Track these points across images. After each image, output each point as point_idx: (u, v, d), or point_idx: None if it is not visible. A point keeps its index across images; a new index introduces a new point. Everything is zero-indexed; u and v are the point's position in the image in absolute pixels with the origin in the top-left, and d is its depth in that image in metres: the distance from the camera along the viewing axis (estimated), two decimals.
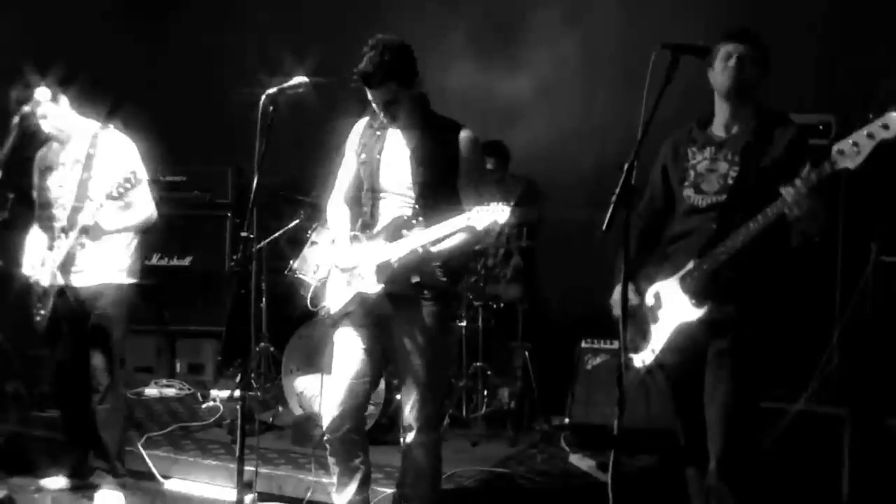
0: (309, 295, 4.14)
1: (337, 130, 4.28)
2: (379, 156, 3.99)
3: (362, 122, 4.13)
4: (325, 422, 4.06)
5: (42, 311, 4.72)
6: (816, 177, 3.29)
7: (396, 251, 3.79)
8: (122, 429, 4.89)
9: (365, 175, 4.03)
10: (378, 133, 4.02)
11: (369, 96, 3.85)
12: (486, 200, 3.80)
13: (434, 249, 3.79)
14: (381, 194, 3.99)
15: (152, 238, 5.00)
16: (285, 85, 3.76)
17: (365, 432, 4.12)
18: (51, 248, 4.71)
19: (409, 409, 3.98)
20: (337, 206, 4.17)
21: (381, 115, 3.91)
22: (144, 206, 4.74)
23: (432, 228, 3.73)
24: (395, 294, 3.90)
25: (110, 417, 4.75)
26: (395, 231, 3.86)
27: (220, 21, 7.86)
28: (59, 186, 4.74)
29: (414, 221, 3.84)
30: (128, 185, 4.39)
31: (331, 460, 4.16)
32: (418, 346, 3.93)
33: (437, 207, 3.85)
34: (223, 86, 7.25)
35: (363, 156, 4.03)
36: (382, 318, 3.97)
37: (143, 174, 4.67)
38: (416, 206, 3.90)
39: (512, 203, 3.66)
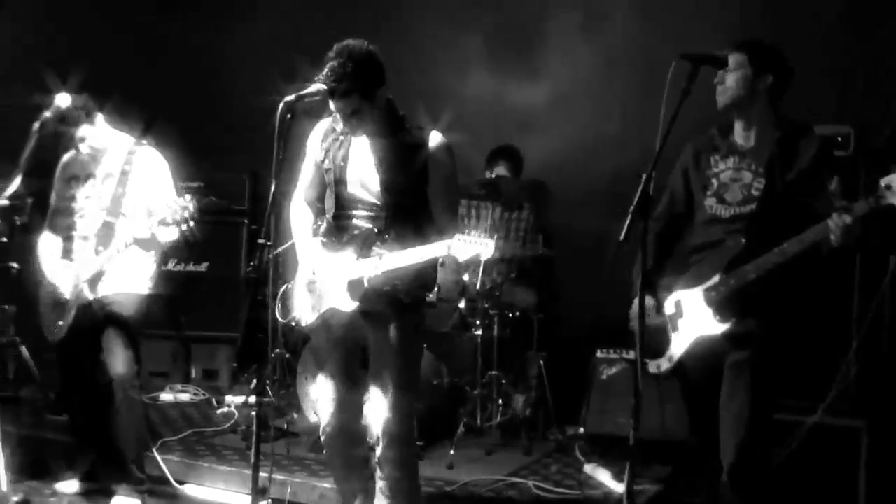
0: (277, 305, 4.10)
1: None
2: (343, 163, 3.88)
3: (324, 123, 4.01)
4: (322, 436, 4.06)
5: (60, 322, 4.70)
6: (860, 210, 3.28)
7: (369, 270, 3.69)
8: (140, 436, 4.89)
9: (329, 181, 3.93)
10: (342, 138, 3.91)
11: (331, 106, 3.76)
12: (454, 211, 3.73)
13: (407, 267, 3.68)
14: (347, 203, 3.91)
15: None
16: (303, 92, 3.72)
17: (366, 442, 4.07)
18: (68, 257, 4.71)
19: (377, 423, 3.90)
20: (298, 210, 4.09)
21: (344, 124, 3.81)
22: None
23: (408, 252, 3.62)
24: (366, 311, 3.84)
25: (128, 426, 4.74)
26: (366, 246, 3.77)
27: (238, 27, 7.87)
28: (87, 198, 4.74)
29: (386, 237, 3.76)
30: (185, 215, 4.39)
31: (331, 470, 4.16)
32: (386, 362, 3.88)
33: (406, 218, 3.80)
34: (241, 92, 7.28)
35: (326, 162, 3.92)
36: (354, 332, 3.93)
37: (175, 191, 4.69)
38: (386, 218, 3.81)
39: (496, 237, 3.50)
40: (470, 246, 3.46)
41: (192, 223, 4.41)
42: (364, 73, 3.67)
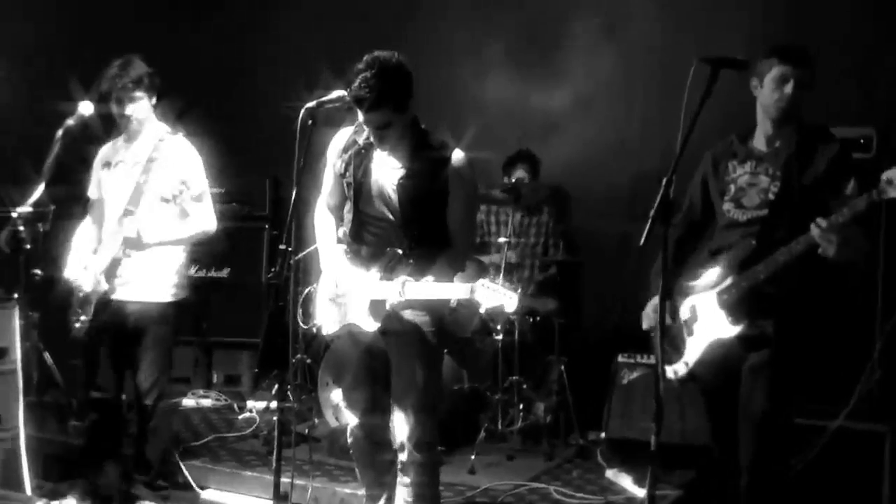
0: (300, 310, 4.11)
1: None
2: (364, 179, 3.87)
3: (344, 133, 3.99)
4: (348, 435, 4.08)
5: (83, 318, 4.61)
6: (860, 205, 3.26)
7: (392, 295, 3.67)
8: (166, 445, 4.87)
9: (349, 195, 3.93)
10: (363, 152, 3.88)
11: (360, 118, 3.75)
12: (471, 231, 3.69)
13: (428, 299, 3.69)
14: (366, 217, 3.90)
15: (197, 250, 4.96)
16: (324, 98, 3.72)
17: (391, 446, 4.03)
18: (95, 249, 4.66)
19: (400, 429, 3.89)
20: (322, 216, 4.10)
21: (371, 137, 3.80)
22: (203, 219, 4.68)
23: (432, 287, 3.61)
24: (389, 331, 3.85)
25: (156, 434, 4.72)
26: (390, 268, 3.77)
27: (257, 33, 7.91)
28: (115, 185, 4.69)
29: (411, 261, 3.76)
30: (182, 189, 4.34)
31: (358, 473, 4.18)
32: (408, 382, 3.86)
33: (427, 240, 3.79)
34: (263, 98, 7.31)
35: (347, 175, 3.90)
36: (379, 342, 3.91)
37: (205, 185, 4.66)
38: (406, 238, 3.81)
39: (519, 290, 3.51)
40: (495, 295, 3.45)
41: (185, 195, 4.42)
42: (396, 85, 3.66)
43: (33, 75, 6.59)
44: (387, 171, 3.85)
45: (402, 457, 3.91)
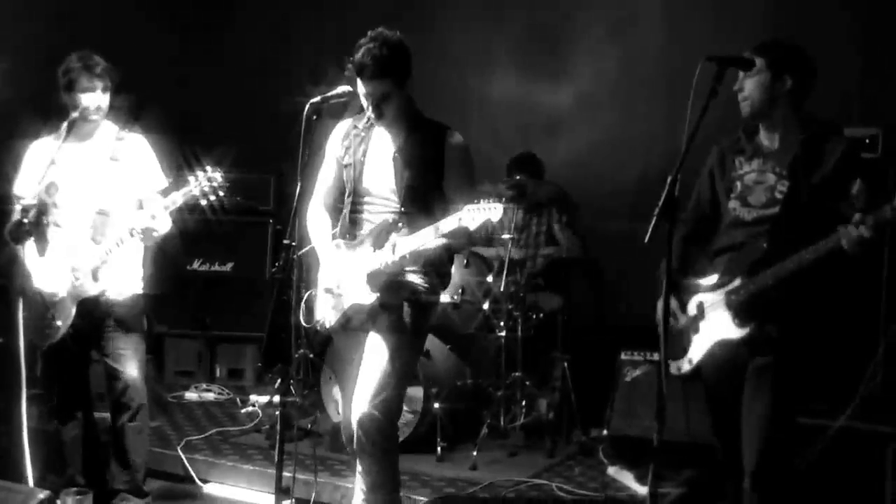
0: (301, 312, 4.08)
1: None
2: (363, 158, 3.93)
3: (345, 124, 4.06)
4: (345, 432, 4.05)
5: (58, 322, 4.44)
6: (874, 220, 3.24)
7: (385, 258, 3.72)
8: (148, 446, 4.81)
9: (347, 178, 3.97)
10: (362, 134, 3.97)
11: (360, 88, 3.80)
12: (471, 198, 3.70)
13: (423, 251, 3.69)
14: (365, 198, 3.93)
15: (195, 243, 4.88)
16: (329, 94, 3.75)
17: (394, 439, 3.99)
18: (43, 251, 4.46)
19: (356, 414, 3.81)
20: (317, 214, 4.09)
21: (369, 110, 3.84)
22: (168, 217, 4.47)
23: (422, 232, 3.63)
24: (384, 304, 3.83)
25: (142, 435, 4.64)
26: (381, 236, 3.79)
27: (265, 30, 7.93)
28: (69, 186, 4.45)
29: (400, 225, 3.78)
30: (214, 185, 4.21)
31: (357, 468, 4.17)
32: (383, 351, 3.83)
33: (422, 212, 3.79)
34: (267, 93, 7.32)
35: (346, 158, 3.97)
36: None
37: (166, 182, 4.54)
38: (401, 210, 3.83)
39: (504, 201, 3.53)
40: (479, 213, 3.46)
41: (218, 194, 4.28)
42: (397, 57, 3.78)
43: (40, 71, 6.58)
44: (384, 145, 3.92)
45: (355, 444, 3.85)
